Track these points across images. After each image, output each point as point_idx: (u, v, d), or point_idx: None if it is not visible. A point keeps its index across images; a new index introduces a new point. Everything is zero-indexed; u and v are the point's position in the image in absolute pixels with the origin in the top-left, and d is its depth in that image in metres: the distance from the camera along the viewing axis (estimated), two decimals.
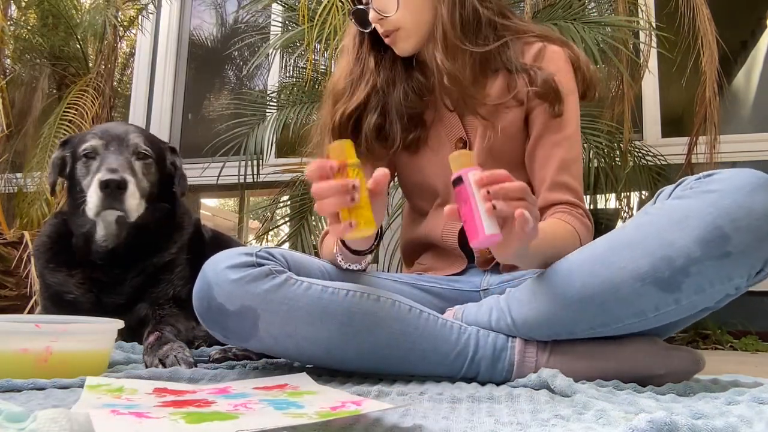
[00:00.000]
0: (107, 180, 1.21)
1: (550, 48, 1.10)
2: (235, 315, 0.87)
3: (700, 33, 2.13)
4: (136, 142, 1.32)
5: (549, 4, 2.13)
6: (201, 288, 0.89)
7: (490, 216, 0.73)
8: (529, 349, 0.92)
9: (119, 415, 0.58)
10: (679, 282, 0.79)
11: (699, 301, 0.81)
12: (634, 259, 0.81)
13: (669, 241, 0.79)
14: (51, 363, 0.88)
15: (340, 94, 1.17)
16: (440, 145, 1.15)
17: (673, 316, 0.84)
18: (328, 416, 0.59)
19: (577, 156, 1.07)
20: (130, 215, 1.25)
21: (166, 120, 3.54)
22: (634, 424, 0.54)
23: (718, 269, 0.77)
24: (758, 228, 0.75)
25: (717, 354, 2.00)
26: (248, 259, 0.88)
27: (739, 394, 0.76)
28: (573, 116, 1.08)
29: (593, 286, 0.84)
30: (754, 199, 0.76)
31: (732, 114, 3.62)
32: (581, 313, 0.86)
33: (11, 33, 3.22)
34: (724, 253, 0.76)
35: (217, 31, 3.94)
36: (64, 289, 1.30)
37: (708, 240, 0.76)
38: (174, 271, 1.38)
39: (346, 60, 1.20)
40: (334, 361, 0.94)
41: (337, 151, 0.77)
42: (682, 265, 0.78)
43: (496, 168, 1.05)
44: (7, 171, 2.95)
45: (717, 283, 0.79)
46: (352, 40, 1.19)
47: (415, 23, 1.08)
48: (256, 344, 0.91)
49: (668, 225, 0.80)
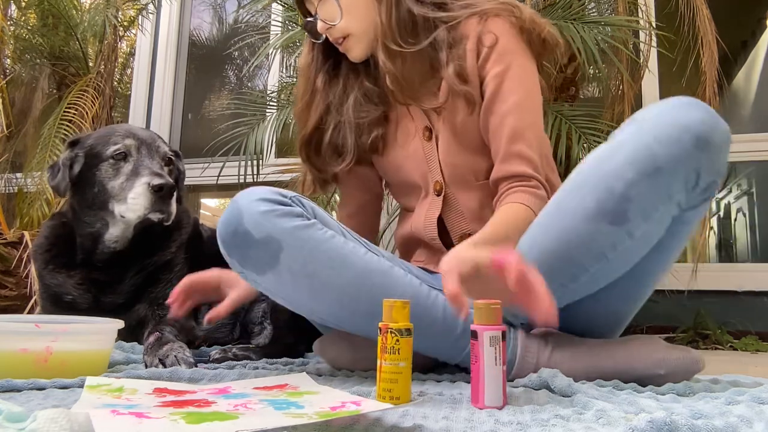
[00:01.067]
0: (161, 184, 1.23)
1: (490, 20, 1.07)
2: (259, 243, 0.89)
3: (700, 33, 2.13)
4: (165, 149, 1.36)
5: (549, 4, 2.13)
6: (230, 213, 0.91)
7: (493, 386, 0.71)
8: (530, 343, 0.93)
9: (119, 415, 0.58)
10: (624, 210, 0.82)
11: (650, 230, 0.84)
12: (581, 200, 0.85)
13: (606, 172, 0.83)
14: (51, 363, 0.88)
15: (299, 115, 1.23)
16: (408, 139, 1.16)
17: (632, 253, 0.86)
18: (328, 416, 0.59)
19: (531, 123, 1.04)
20: (170, 218, 1.27)
21: (166, 120, 3.54)
22: (634, 424, 0.54)
23: (655, 187, 0.81)
24: (680, 139, 0.79)
25: (717, 354, 2.00)
26: (282, 199, 0.92)
27: (739, 394, 0.76)
28: (522, 81, 1.04)
29: (552, 238, 0.87)
30: (675, 114, 0.81)
31: (732, 114, 3.62)
32: (548, 270, 0.85)
33: (11, 33, 3.22)
34: (655, 168, 0.80)
35: (217, 31, 3.94)
36: (63, 290, 1.30)
37: (638, 160, 0.81)
38: (173, 270, 1.38)
39: (299, 83, 1.25)
40: (344, 314, 0.94)
41: (387, 310, 0.74)
42: (622, 191, 0.81)
43: (462, 152, 1.08)
44: (7, 171, 2.94)
45: (659, 204, 0.82)
46: (305, 60, 1.23)
47: (362, 28, 1.10)
48: (272, 279, 0.92)
49: (604, 159, 0.85)
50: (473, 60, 1.06)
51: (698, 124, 0.79)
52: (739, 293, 2.47)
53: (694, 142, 0.78)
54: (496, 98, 1.04)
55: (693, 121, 0.79)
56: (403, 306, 0.73)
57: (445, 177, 1.12)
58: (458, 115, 1.09)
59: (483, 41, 1.05)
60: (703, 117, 0.79)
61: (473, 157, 1.09)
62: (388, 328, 0.72)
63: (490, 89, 1.05)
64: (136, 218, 1.25)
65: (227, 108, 3.33)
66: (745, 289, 2.47)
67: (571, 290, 0.89)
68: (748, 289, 2.47)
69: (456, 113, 1.09)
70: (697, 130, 0.79)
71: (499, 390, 0.71)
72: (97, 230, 1.31)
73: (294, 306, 0.98)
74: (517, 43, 1.05)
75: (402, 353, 0.71)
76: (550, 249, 0.87)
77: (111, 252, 1.32)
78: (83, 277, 1.31)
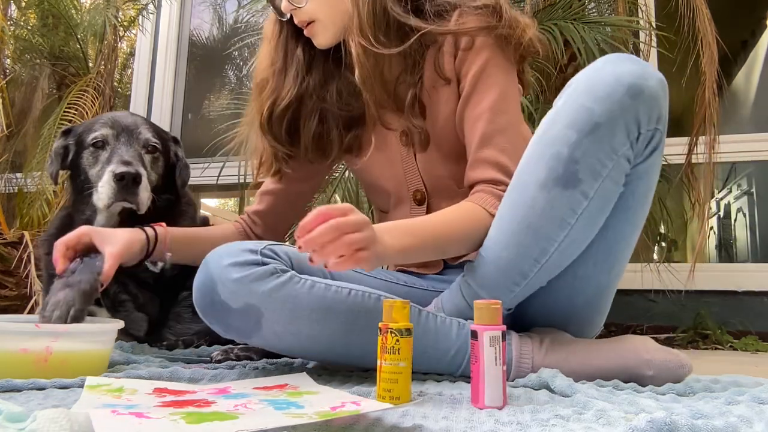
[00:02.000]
0: (123, 173, 1.21)
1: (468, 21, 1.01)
2: (238, 313, 0.86)
3: (700, 33, 2.13)
4: (147, 136, 1.33)
5: (549, 4, 2.13)
6: (203, 283, 0.88)
7: (494, 386, 0.71)
8: (525, 346, 0.93)
9: (119, 415, 0.58)
10: (573, 172, 0.83)
11: (605, 188, 0.84)
12: (533, 170, 0.87)
13: (550, 139, 0.85)
14: (51, 363, 0.88)
15: (262, 84, 1.13)
16: (386, 143, 1.12)
17: (594, 216, 0.87)
18: (328, 416, 0.59)
19: (504, 126, 1.00)
20: (140, 208, 1.26)
21: (166, 120, 3.54)
22: (634, 424, 0.54)
23: (598, 143, 0.82)
24: (613, 92, 0.80)
25: (717, 354, 2.00)
26: (252, 257, 0.87)
27: (739, 394, 0.76)
28: (496, 83, 1.01)
29: (516, 213, 0.89)
30: (605, 70, 0.83)
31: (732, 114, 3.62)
32: (519, 247, 0.89)
33: (11, 33, 3.21)
34: (594, 125, 0.81)
35: (217, 31, 3.94)
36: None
37: (577, 120, 0.82)
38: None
39: (266, 48, 1.16)
40: (336, 358, 0.95)
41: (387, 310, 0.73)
42: (568, 154, 0.83)
43: (442, 160, 1.07)
44: (7, 171, 2.94)
45: (606, 160, 0.83)
46: (272, 26, 1.14)
47: (330, 15, 1.04)
48: (259, 341, 0.91)
49: (547, 127, 0.87)
50: (450, 62, 1.04)
51: (629, 75, 0.80)
52: (739, 293, 2.47)
53: (627, 92, 0.80)
54: (469, 101, 1.02)
55: (623, 73, 0.81)
56: (402, 306, 0.73)
57: (427, 187, 1.11)
58: (437, 121, 1.05)
59: (459, 43, 1.02)
60: (633, 68, 0.81)
61: (454, 165, 1.07)
62: (388, 328, 0.72)
63: (465, 92, 1.02)
64: (103, 207, 1.25)
65: (227, 108, 3.33)
66: (745, 289, 2.47)
67: (546, 266, 0.89)
68: (748, 289, 2.47)
69: (435, 119, 1.05)
70: (629, 80, 0.80)
71: (499, 390, 0.71)
72: (87, 217, 1.32)
73: (288, 355, 0.99)
74: (493, 46, 1.02)
75: (402, 353, 0.71)
76: (516, 224, 0.89)
77: None
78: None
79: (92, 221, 1.31)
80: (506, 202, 0.92)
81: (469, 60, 1.02)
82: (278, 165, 1.17)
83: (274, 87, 1.12)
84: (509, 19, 1.01)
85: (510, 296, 0.93)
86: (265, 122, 1.12)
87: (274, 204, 1.25)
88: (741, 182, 3.74)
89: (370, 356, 0.92)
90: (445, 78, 1.04)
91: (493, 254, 0.92)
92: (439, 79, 1.04)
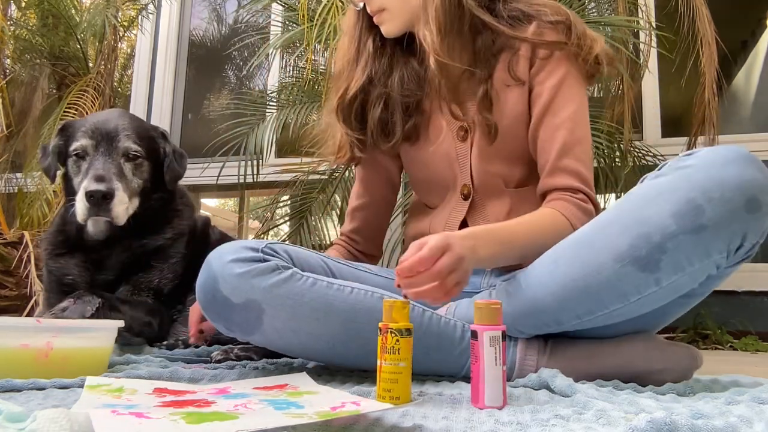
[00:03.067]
0: (92, 191, 1.23)
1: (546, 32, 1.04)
2: (239, 308, 0.87)
3: (700, 33, 2.13)
4: (126, 144, 1.32)
5: None
6: (206, 280, 0.89)
7: (494, 385, 0.71)
8: (530, 349, 0.93)
9: (119, 415, 0.58)
10: (657, 260, 0.79)
11: (680, 282, 0.81)
12: (613, 239, 0.82)
13: (645, 218, 0.80)
14: (51, 359, 0.88)
15: (339, 73, 1.18)
16: (441, 136, 1.12)
17: (656, 299, 0.83)
18: (328, 416, 0.59)
19: (581, 138, 1.02)
20: (117, 221, 1.28)
21: (166, 120, 3.54)
22: (634, 424, 0.54)
23: (695, 244, 0.77)
24: (731, 200, 0.74)
25: (717, 354, 2.00)
26: (253, 254, 0.89)
27: (739, 394, 0.76)
28: (574, 96, 1.03)
29: (575, 270, 0.85)
30: (728, 171, 0.75)
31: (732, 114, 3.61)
32: (565, 300, 0.86)
33: (11, 33, 3.21)
34: (698, 225, 0.76)
35: (217, 31, 3.94)
36: (65, 272, 1.34)
37: (682, 213, 0.76)
38: (168, 260, 1.38)
39: (343, 41, 1.21)
40: (337, 358, 0.94)
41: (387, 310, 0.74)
42: (659, 242, 0.78)
43: (496, 157, 1.06)
44: (7, 171, 2.94)
45: (695, 261, 0.78)
46: (349, 20, 1.19)
47: (399, 6, 1.07)
48: (260, 338, 0.91)
49: (644, 202, 0.81)
50: (525, 67, 1.05)
51: (752, 186, 0.74)
52: (739, 293, 2.47)
53: (746, 204, 0.74)
54: (548, 111, 1.03)
55: (748, 183, 0.74)
56: (402, 306, 0.73)
57: (474, 182, 1.10)
58: (501, 119, 1.06)
59: (537, 52, 1.04)
60: (757, 176, 0.75)
61: (507, 165, 1.08)
62: (388, 328, 0.72)
63: (543, 101, 1.03)
64: (82, 221, 1.28)
65: (227, 108, 3.33)
66: (745, 289, 2.47)
67: (585, 322, 0.88)
68: (748, 289, 2.47)
69: (499, 116, 1.06)
70: (751, 191, 0.74)
71: (499, 390, 0.71)
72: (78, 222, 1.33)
73: (288, 354, 0.99)
74: (571, 59, 1.04)
75: (402, 353, 0.71)
76: (572, 279, 0.84)
77: (95, 241, 1.36)
78: (84, 256, 1.35)
79: (83, 227, 1.35)
80: (569, 254, 0.87)
81: (547, 70, 1.04)
82: (352, 152, 1.19)
83: (346, 76, 1.16)
84: (580, 35, 1.03)
85: (534, 332, 0.92)
86: (337, 109, 1.16)
87: (365, 217, 1.26)
88: None
89: (371, 357, 0.92)
90: (518, 79, 1.05)
91: (536, 294, 0.88)
92: (511, 79, 1.06)
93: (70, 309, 1.16)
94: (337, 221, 2.44)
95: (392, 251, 2.38)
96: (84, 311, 1.16)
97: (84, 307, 1.17)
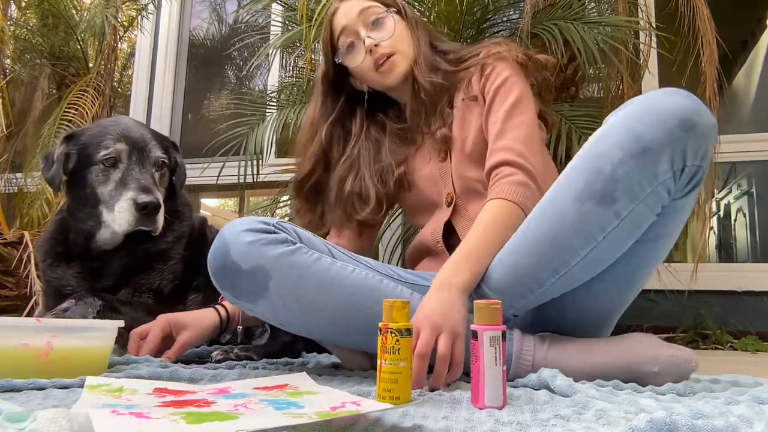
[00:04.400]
0: (146, 202, 1.23)
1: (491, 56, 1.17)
2: (247, 274, 0.92)
3: (700, 33, 2.13)
4: (157, 154, 1.34)
5: (549, 4, 2.13)
6: (218, 247, 0.95)
7: (493, 385, 0.71)
8: (526, 341, 0.94)
9: (119, 415, 0.58)
10: (611, 190, 0.84)
11: (638, 211, 0.86)
12: (571, 183, 0.88)
13: (595, 154, 0.87)
14: (52, 358, 0.88)
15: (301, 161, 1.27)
16: (425, 163, 1.22)
17: (622, 237, 0.88)
18: (328, 416, 0.59)
19: (517, 123, 1.09)
20: (156, 231, 1.28)
21: (166, 120, 3.54)
22: (634, 424, 0.54)
23: (642, 166, 0.83)
24: (666, 121, 0.82)
25: (717, 354, 2.00)
26: (265, 227, 0.94)
27: (739, 394, 0.76)
28: (512, 90, 1.11)
29: (543, 224, 0.91)
30: (662, 100, 0.84)
31: (732, 114, 3.62)
32: (540, 256, 0.91)
33: (11, 33, 3.22)
34: (642, 149, 0.83)
35: (217, 31, 3.94)
36: (63, 282, 1.32)
37: (625, 140, 0.84)
38: (168, 263, 1.38)
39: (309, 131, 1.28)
40: (338, 333, 0.97)
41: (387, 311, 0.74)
42: (610, 172, 0.84)
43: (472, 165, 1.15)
44: (7, 171, 2.94)
45: (646, 184, 0.84)
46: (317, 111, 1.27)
47: (405, 48, 1.19)
48: (265, 306, 0.94)
49: (594, 143, 0.88)
50: (477, 87, 1.17)
51: (684, 108, 0.83)
52: (739, 293, 2.47)
53: (680, 123, 0.82)
54: (490, 108, 1.13)
55: (679, 106, 0.83)
56: (402, 306, 0.73)
57: (456, 189, 1.17)
58: (469, 132, 1.15)
59: (485, 70, 1.16)
60: (689, 103, 0.83)
61: (480, 170, 1.14)
62: (387, 328, 0.72)
63: (487, 103, 1.14)
64: (121, 231, 1.27)
65: (227, 108, 3.33)
66: (745, 289, 2.47)
67: (564, 278, 0.91)
68: (748, 289, 2.47)
69: (467, 131, 1.16)
70: (683, 114, 0.82)
71: (499, 390, 0.71)
72: (89, 228, 1.32)
73: (290, 328, 1.01)
74: (511, 65, 1.15)
75: (402, 353, 0.71)
76: (542, 232, 0.91)
77: (101, 250, 1.34)
78: (82, 267, 1.33)
79: (94, 233, 1.33)
80: (536, 213, 0.93)
81: (491, 80, 1.15)
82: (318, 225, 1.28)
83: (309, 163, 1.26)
84: (514, 49, 1.17)
85: (522, 302, 0.94)
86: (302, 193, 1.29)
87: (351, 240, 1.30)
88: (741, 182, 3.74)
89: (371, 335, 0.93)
90: (473, 97, 1.17)
91: (512, 260, 0.94)
92: (468, 99, 1.17)
93: (71, 310, 1.16)
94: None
95: (392, 251, 2.39)
96: (85, 313, 1.16)
97: (85, 309, 1.17)
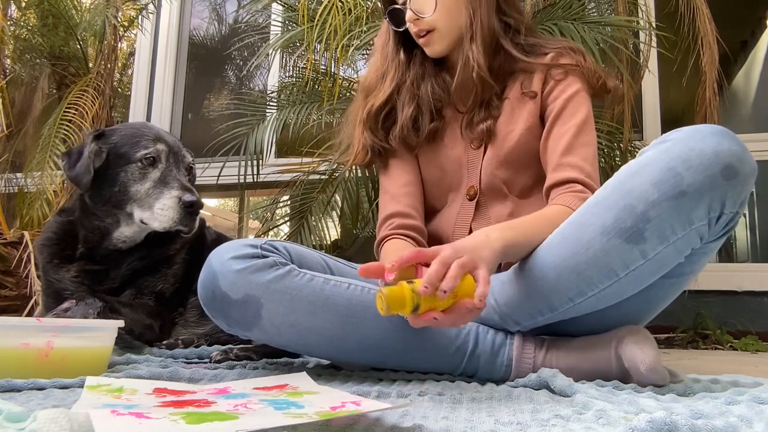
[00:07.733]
0: (192, 201, 1.25)
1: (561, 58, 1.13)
2: (238, 304, 0.89)
3: (700, 33, 2.13)
4: (189, 159, 1.37)
5: (549, 4, 2.13)
6: (206, 277, 0.92)
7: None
8: (527, 345, 0.93)
9: (119, 415, 0.58)
10: (641, 229, 0.81)
11: (666, 253, 0.83)
12: (600, 215, 0.85)
13: (628, 190, 0.83)
14: (52, 358, 0.89)
15: (371, 89, 1.23)
16: (454, 142, 1.18)
17: (644, 275, 0.85)
18: (328, 416, 0.59)
19: (586, 142, 1.07)
20: (192, 231, 1.29)
21: (166, 120, 3.54)
22: (634, 424, 0.54)
23: (677, 210, 0.79)
24: (709, 167, 0.78)
25: (717, 354, 2.00)
26: (253, 251, 0.91)
27: (739, 394, 0.76)
28: (582, 107, 1.10)
29: (565, 250, 0.87)
30: (705, 142, 0.79)
31: (732, 114, 3.62)
32: (557, 282, 0.87)
33: (11, 33, 3.21)
34: (679, 192, 0.79)
35: (217, 31, 3.94)
36: (62, 286, 1.32)
37: (662, 181, 0.80)
38: (172, 267, 1.39)
39: (375, 58, 1.26)
40: (335, 352, 0.96)
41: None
42: (642, 211, 0.81)
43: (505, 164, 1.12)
44: (7, 171, 2.94)
45: (678, 229, 0.81)
46: (381, 39, 1.25)
47: (449, 26, 1.12)
48: (259, 333, 0.93)
49: (628, 177, 0.84)
50: (539, 85, 1.12)
51: (728, 154, 0.78)
52: (739, 293, 2.47)
53: (722, 170, 0.78)
54: (558, 120, 1.09)
55: (723, 150, 0.78)
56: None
57: (482, 184, 1.14)
58: (515, 127, 1.12)
59: (552, 73, 1.12)
60: (733, 147, 0.79)
61: (514, 172, 1.13)
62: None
63: (554, 113, 1.10)
64: (161, 229, 1.27)
65: (227, 108, 3.33)
66: (745, 289, 2.47)
67: (578, 306, 0.89)
68: (748, 289, 2.47)
69: (514, 125, 1.12)
70: (727, 160, 0.78)
71: None
72: (106, 226, 1.32)
73: (287, 350, 1.00)
74: (582, 81, 1.12)
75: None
76: (563, 259, 0.87)
77: (114, 249, 1.33)
78: (78, 269, 1.33)
79: (111, 231, 1.33)
80: (557, 237, 0.90)
81: (560, 88, 1.11)
82: (372, 157, 1.23)
83: (379, 89, 1.22)
84: (592, 65, 1.13)
85: (530, 322, 0.93)
86: (366, 118, 1.21)
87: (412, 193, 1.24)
88: None
89: (368, 352, 0.92)
90: (531, 93, 1.13)
91: (528, 279, 0.91)
92: (524, 94, 1.13)
93: (72, 310, 1.16)
94: (337, 221, 2.43)
95: None
96: (86, 314, 1.16)
97: (86, 310, 1.17)
